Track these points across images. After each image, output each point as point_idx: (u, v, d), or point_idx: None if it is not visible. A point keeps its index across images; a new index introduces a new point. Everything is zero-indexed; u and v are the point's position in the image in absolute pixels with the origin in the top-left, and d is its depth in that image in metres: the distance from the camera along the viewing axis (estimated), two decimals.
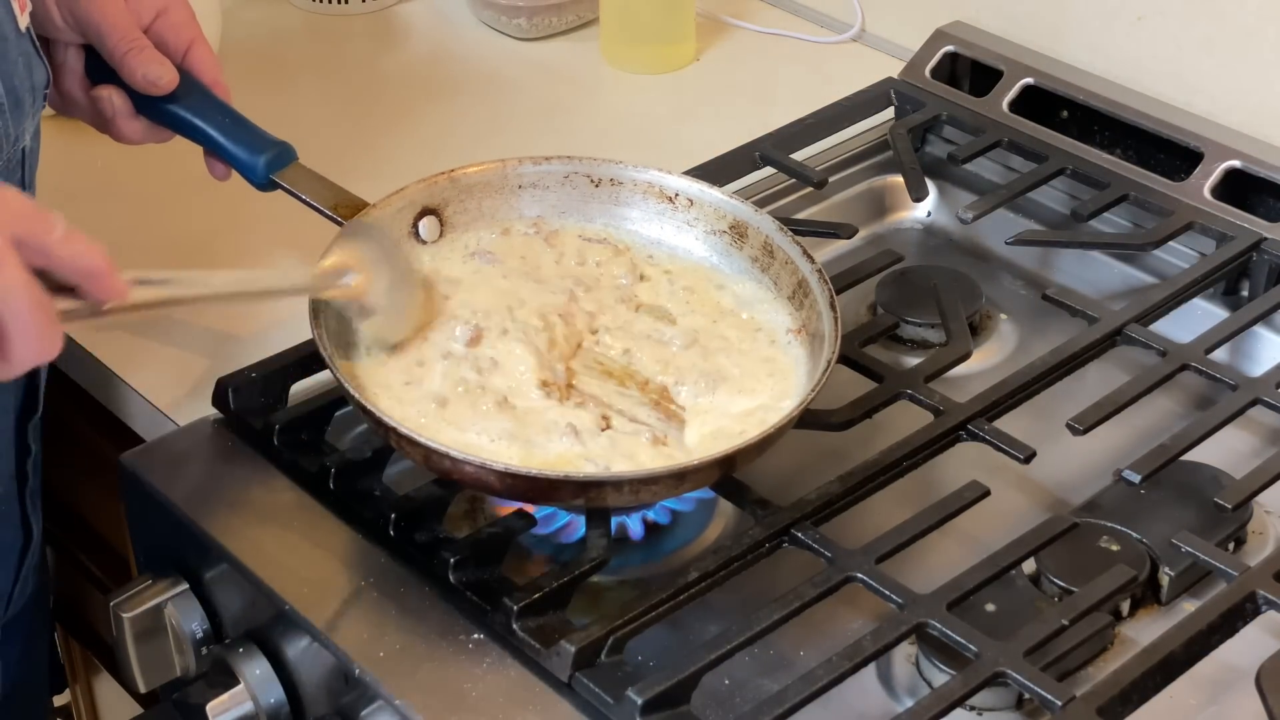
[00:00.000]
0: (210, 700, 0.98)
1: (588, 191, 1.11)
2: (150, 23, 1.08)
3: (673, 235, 1.11)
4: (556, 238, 1.10)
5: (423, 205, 1.09)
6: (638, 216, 1.11)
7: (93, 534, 1.34)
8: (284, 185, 1.09)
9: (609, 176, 1.11)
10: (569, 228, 1.11)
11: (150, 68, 1.07)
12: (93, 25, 1.06)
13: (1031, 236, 1.24)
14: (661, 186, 1.11)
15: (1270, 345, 1.16)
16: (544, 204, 1.12)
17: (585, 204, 1.11)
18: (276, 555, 0.99)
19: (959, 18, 1.43)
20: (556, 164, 1.12)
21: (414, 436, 0.93)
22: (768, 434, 0.94)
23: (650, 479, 0.93)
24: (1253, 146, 1.25)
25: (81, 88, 1.09)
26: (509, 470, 0.92)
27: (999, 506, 1.01)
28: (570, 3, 1.52)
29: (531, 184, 1.11)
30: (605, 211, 1.11)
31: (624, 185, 1.11)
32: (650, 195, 1.11)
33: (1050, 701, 0.86)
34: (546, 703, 0.90)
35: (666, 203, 1.11)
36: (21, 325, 0.78)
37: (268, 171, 1.09)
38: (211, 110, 1.10)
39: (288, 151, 1.11)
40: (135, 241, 1.27)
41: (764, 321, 1.06)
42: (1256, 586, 0.93)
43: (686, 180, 1.11)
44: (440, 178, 1.10)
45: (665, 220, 1.11)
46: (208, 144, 1.11)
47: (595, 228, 1.11)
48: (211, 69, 1.10)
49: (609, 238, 1.11)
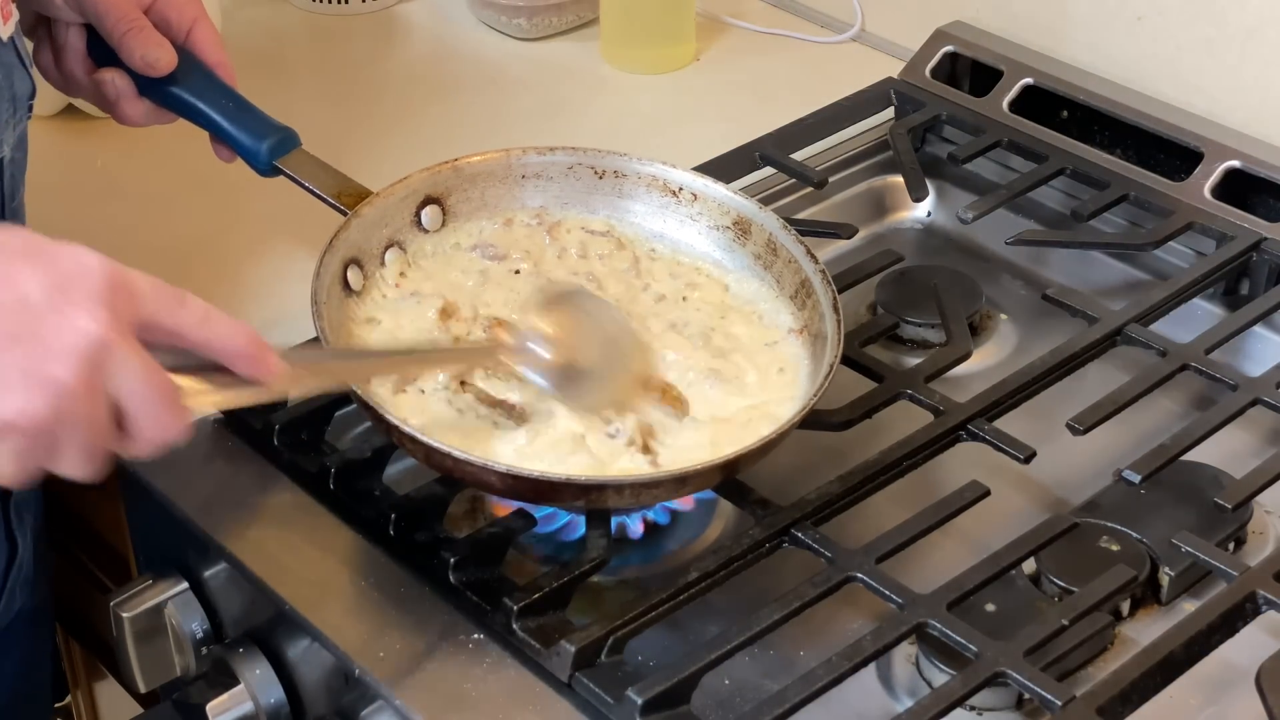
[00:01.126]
0: (210, 700, 0.98)
1: (591, 183, 1.11)
2: (151, 2, 1.07)
3: (675, 229, 1.11)
4: (558, 229, 1.10)
5: (425, 194, 1.09)
6: (641, 210, 1.11)
7: (93, 534, 1.33)
8: (287, 172, 1.08)
9: (613, 169, 1.11)
10: (571, 219, 1.11)
11: (149, 49, 1.05)
12: (91, 4, 1.05)
13: (1031, 236, 1.24)
14: (665, 180, 1.11)
15: (1270, 345, 1.16)
16: (547, 195, 1.12)
17: (588, 196, 1.11)
18: (276, 555, 0.99)
19: (959, 18, 1.43)
20: (561, 155, 1.11)
21: (416, 435, 0.93)
22: (770, 439, 0.94)
23: (652, 483, 0.93)
24: (1253, 146, 1.25)
25: (84, 69, 1.08)
26: (510, 471, 0.92)
27: (999, 506, 1.01)
28: (570, 3, 1.52)
29: (535, 174, 1.11)
30: (608, 204, 1.11)
31: (628, 178, 1.11)
32: (654, 189, 1.11)
33: (1050, 701, 0.86)
34: (546, 703, 0.90)
35: (670, 196, 1.11)
36: (143, 408, 0.78)
37: (271, 157, 1.08)
38: (215, 94, 1.09)
39: (291, 137, 1.09)
40: (135, 241, 1.27)
41: (766, 320, 1.06)
42: (1256, 586, 0.93)
43: (690, 175, 1.11)
44: (444, 167, 1.10)
45: (668, 214, 1.11)
46: (211, 128, 1.09)
47: (598, 220, 1.11)
48: (215, 49, 1.09)
49: (611, 230, 1.11)
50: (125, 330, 0.77)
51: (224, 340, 0.81)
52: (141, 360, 0.77)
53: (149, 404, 0.78)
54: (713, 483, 0.96)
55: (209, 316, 0.80)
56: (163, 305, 0.79)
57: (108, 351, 0.76)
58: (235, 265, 1.24)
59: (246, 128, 1.08)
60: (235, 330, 0.81)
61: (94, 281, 0.76)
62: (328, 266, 1.01)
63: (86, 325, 0.75)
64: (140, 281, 0.79)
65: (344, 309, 1.03)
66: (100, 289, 0.76)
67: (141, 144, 1.21)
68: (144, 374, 0.77)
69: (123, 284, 0.78)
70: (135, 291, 0.78)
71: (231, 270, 1.24)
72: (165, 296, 0.79)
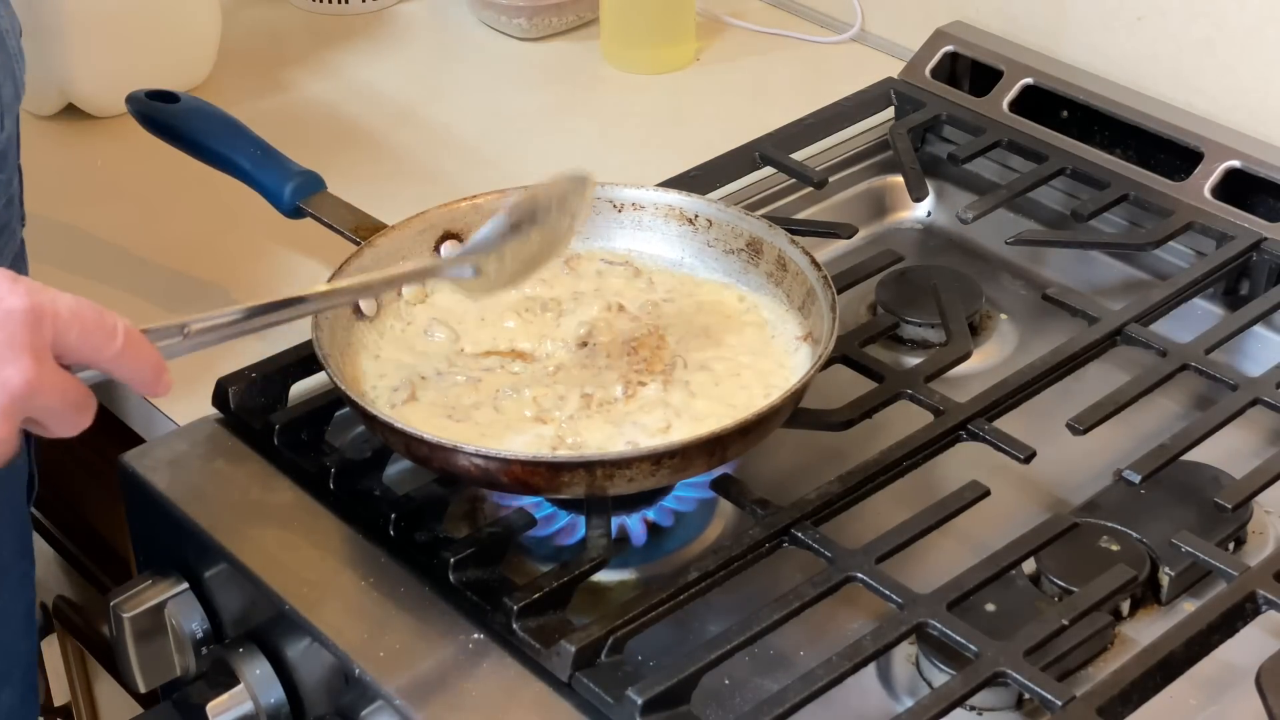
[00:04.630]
0: (210, 700, 0.98)
1: (610, 216, 1.12)
2: None
3: (694, 256, 1.11)
4: (578, 260, 1.11)
5: (444, 229, 1.10)
6: (659, 240, 1.12)
7: (93, 534, 1.34)
8: (310, 211, 1.13)
9: (631, 200, 1.12)
10: (592, 251, 1.12)
11: None
12: None
13: (1031, 236, 1.23)
14: (682, 209, 1.11)
15: (1270, 345, 1.16)
16: None
17: (608, 228, 1.12)
18: (276, 555, 0.99)
19: (959, 18, 1.43)
20: None
21: (415, 433, 0.93)
22: (750, 420, 0.94)
23: (624, 461, 0.93)
24: (1253, 146, 1.25)
25: None
26: (479, 452, 0.92)
27: (999, 506, 1.01)
28: (570, 3, 1.52)
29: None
30: (629, 235, 1.12)
31: (646, 209, 1.12)
32: (672, 218, 1.12)
33: (1050, 701, 0.86)
34: (546, 703, 0.90)
35: (688, 225, 1.11)
36: (57, 421, 0.81)
37: (294, 199, 1.14)
38: (243, 144, 1.16)
39: (314, 180, 1.15)
40: (136, 241, 1.27)
41: (779, 335, 1.06)
42: (1256, 586, 0.92)
43: (704, 201, 1.12)
44: (462, 203, 1.11)
45: (686, 243, 1.11)
46: (238, 174, 1.15)
47: (618, 252, 1.12)
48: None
49: (630, 260, 1.11)
50: (44, 358, 0.78)
51: (131, 372, 0.82)
52: (60, 389, 0.79)
53: (64, 418, 0.81)
54: (699, 466, 0.96)
55: (124, 350, 0.81)
56: (84, 338, 0.80)
57: (29, 396, 0.78)
58: (235, 265, 1.24)
59: (271, 173, 1.14)
60: (143, 364, 0.82)
61: (14, 327, 0.77)
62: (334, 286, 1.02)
63: (9, 376, 0.77)
64: (64, 309, 0.79)
65: (353, 332, 1.04)
66: (20, 335, 0.77)
67: (141, 144, 1.21)
68: (61, 397, 0.80)
69: (45, 316, 0.78)
70: (58, 320, 0.79)
71: (232, 270, 1.24)
72: (87, 326, 0.80)
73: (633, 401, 1.00)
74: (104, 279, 1.23)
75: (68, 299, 0.80)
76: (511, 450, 0.95)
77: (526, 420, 0.99)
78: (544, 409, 1.00)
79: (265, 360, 1.08)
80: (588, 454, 0.96)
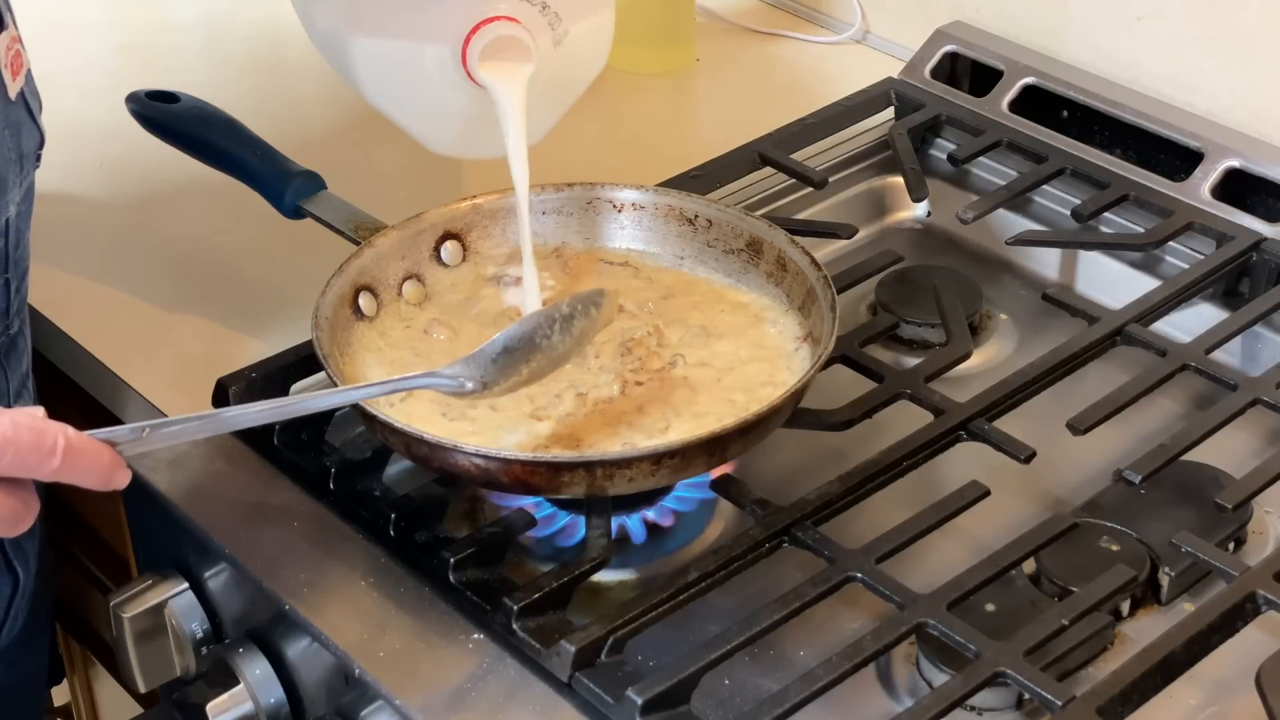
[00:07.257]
0: (210, 700, 0.98)
1: (610, 216, 1.12)
2: None
3: (694, 256, 1.11)
4: (577, 261, 1.11)
5: (444, 229, 1.10)
6: (659, 240, 1.12)
7: (93, 534, 1.34)
8: (309, 211, 1.13)
9: (631, 201, 1.12)
10: (592, 251, 1.12)
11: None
12: None
13: (1031, 236, 1.23)
14: (682, 209, 1.11)
15: (1270, 345, 1.16)
16: (567, 229, 1.12)
17: (609, 229, 1.12)
18: (276, 555, 0.99)
19: (959, 18, 1.43)
20: (579, 190, 1.12)
21: (415, 433, 0.93)
22: (750, 420, 0.94)
23: (624, 461, 0.92)
24: (1253, 146, 1.25)
25: None
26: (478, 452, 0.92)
27: (999, 506, 1.01)
28: None
29: (555, 210, 1.12)
30: (628, 235, 1.12)
31: (646, 209, 1.12)
32: (672, 218, 1.12)
33: (1050, 701, 0.86)
34: (546, 703, 0.90)
35: (688, 225, 1.11)
36: None
37: (294, 199, 1.13)
38: (244, 144, 1.16)
39: (314, 180, 1.14)
40: (136, 241, 1.27)
41: (780, 334, 1.06)
42: (1256, 586, 0.92)
43: (704, 202, 1.12)
44: (462, 204, 1.11)
45: (686, 243, 1.11)
46: (238, 173, 1.15)
47: (618, 251, 1.12)
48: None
49: (629, 260, 1.11)
50: None
51: (76, 479, 0.83)
52: None
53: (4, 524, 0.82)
54: (699, 466, 0.96)
55: (64, 465, 0.82)
56: (18, 460, 0.81)
57: None
58: (235, 265, 1.24)
59: (271, 173, 1.14)
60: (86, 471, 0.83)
61: None
62: (333, 287, 1.03)
63: None
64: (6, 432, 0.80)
65: (353, 332, 1.04)
66: None
67: (142, 144, 1.21)
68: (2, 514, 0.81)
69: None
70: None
71: (232, 270, 1.24)
72: (22, 450, 0.81)
73: (632, 401, 1.00)
74: (104, 279, 1.23)
75: (4, 422, 0.80)
76: (512, 450, 0.95)
77: (523, 418, 0.99)
78: (540, 407, 1.00)
79: (265, 360, 1.08)
80: (588, 454, 0.96)
